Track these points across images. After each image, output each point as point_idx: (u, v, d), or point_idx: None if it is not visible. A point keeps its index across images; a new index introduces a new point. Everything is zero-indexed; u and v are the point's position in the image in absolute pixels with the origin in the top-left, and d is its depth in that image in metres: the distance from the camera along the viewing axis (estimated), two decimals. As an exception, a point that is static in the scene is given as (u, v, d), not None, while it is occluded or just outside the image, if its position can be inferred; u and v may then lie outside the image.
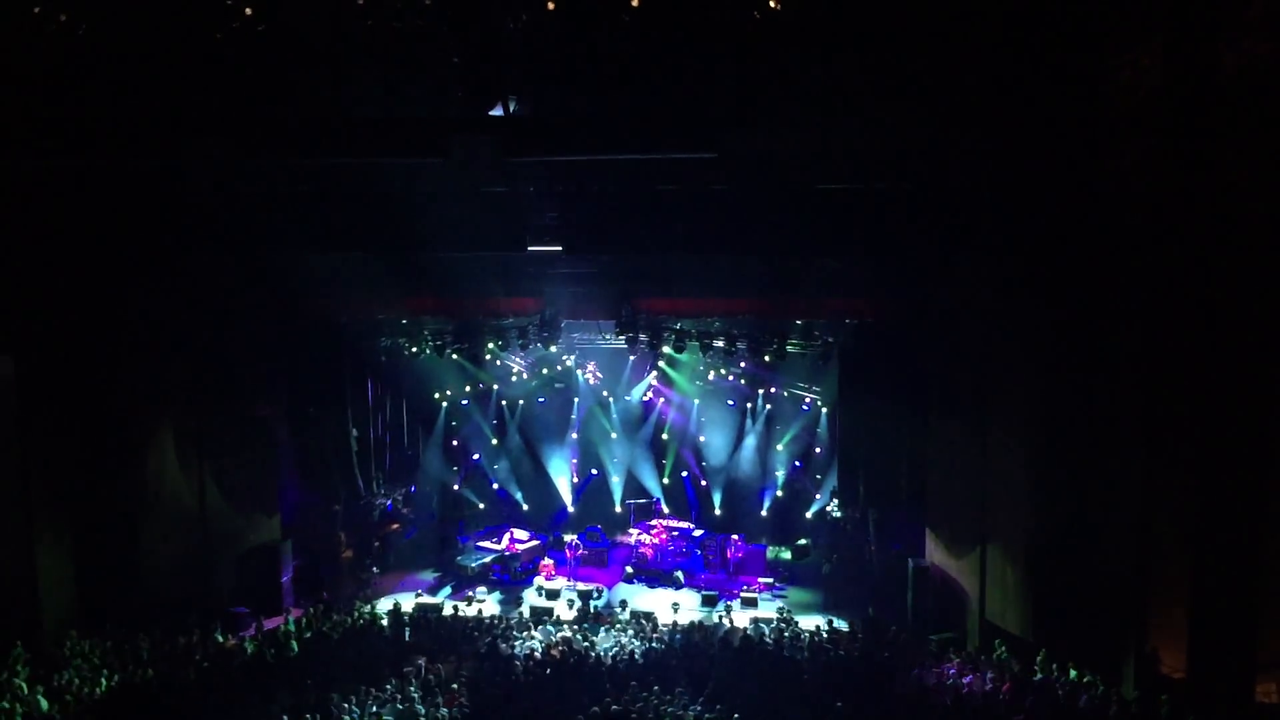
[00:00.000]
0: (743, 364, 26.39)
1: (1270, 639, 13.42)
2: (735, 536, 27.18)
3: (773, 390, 28.68)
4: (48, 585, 18.36)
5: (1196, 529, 13.62)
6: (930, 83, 13.72)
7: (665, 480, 30.21)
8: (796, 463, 29.17)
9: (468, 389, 29.26)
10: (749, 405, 29.37)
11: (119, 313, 19.38)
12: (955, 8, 12.87)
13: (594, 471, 30.79)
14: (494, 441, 30.39)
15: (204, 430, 21.55)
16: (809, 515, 28.47)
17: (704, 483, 30.09)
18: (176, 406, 21.02)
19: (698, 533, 27.02)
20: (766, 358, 22.99)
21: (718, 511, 29.60)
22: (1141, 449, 14.98)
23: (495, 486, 30.51)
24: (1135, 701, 14.36)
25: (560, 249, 17.28)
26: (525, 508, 30.35)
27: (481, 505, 30.27)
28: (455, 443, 30.19)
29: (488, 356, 25.17)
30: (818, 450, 28.55)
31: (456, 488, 29.98)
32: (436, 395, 29.06)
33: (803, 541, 27.36)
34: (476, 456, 30.40)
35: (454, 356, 25.18)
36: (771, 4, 12.11)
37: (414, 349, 25.18)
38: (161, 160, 14.76)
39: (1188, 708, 13.50)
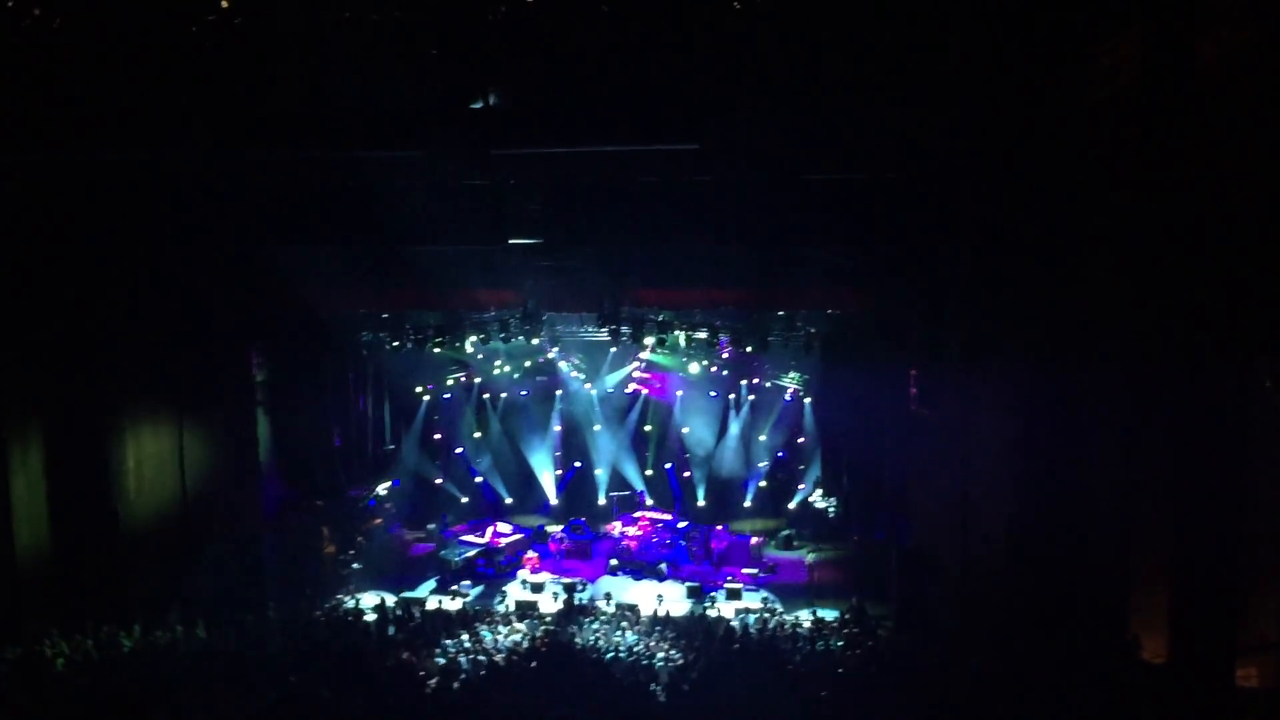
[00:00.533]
0: (725, 354, 26.40)
1: (1249, 623, 13.54)
2: (719, 527, 27.25)
3: (756, 380, 28.74)
4: (27, 581, 18.23)
5: (1178, 515, 13.71)
6: (911, 72, 13.71)
7: (649, 472, 30.24)
8: (780, 453, 29.26)
9: (450, 382, 29.21)
10: (732, 396, 29.42)
11: (94, 308, 19.20)
12: (936, -3, 12.90)
13: (577, 464, 30.77)
14: (476, 435, 30.36)
15: (184, 425, 21.42)
16: (792, 505, 28.56)
17: (687, 474, 30.13)
18: (156, 401, 20.88)
19: (682, 524, 27.06)
20: (749, 348, 23.00)
21: (701, 503, 29.67)
22: (1124, 435, 15.07)
23: (478, 480, 30.45)
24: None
25: (541, 241, 17.23)
26: (508, 501, 30.34)
27: (464, 499, 30.22)
28: (437, 436, 30.11)
29: (469, 350, 25.15)
30: (801, 440, 28.64)
31: (439, 481, 29.90)
32: (418, 389, 28.98)
33: (786, 531, 27.44)
34: (459, 450, 30.34)
35: (435, 350, 25.11)
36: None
37: (395, 343, 25.07)
38: (138, 153, 14.63)
39: (1169, 692, 13.60)
